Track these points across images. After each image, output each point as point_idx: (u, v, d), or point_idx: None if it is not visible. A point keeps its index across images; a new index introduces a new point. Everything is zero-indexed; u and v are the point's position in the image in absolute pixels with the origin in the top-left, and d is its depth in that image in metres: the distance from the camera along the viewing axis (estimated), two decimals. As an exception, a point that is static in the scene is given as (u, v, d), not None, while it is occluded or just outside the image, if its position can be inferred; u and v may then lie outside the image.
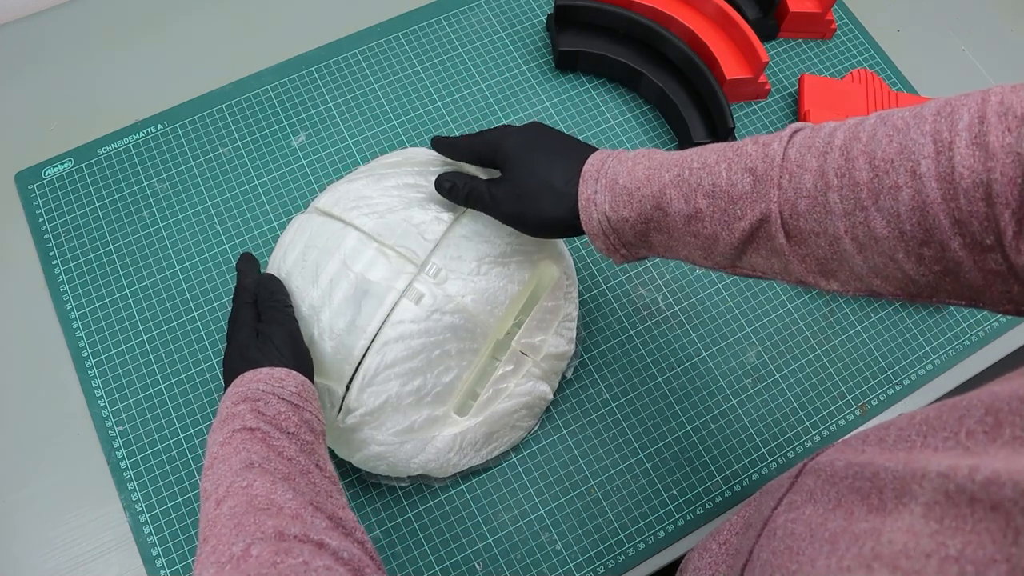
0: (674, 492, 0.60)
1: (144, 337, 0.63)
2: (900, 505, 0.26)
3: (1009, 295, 0.35)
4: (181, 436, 0.60)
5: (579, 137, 0.73)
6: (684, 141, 0.72)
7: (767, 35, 0.78)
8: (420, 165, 0.60)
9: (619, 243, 0.47)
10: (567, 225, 0.48)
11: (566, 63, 0.75)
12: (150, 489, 0.58)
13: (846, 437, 0.37)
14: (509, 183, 0.49)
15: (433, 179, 0.59)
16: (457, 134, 0.72)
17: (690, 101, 0.72)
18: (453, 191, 0.53)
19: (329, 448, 0.59)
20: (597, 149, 0.48)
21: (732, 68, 0.72)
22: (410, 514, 0.59)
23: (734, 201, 0.41)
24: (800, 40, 0.79)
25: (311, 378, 0.49)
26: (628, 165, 0.45)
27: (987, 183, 0.32)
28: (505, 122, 0.73)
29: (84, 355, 0.62)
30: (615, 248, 0.47)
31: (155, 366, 0.62)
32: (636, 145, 0.73)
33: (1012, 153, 0.31)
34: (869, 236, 0.37)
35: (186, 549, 0.57)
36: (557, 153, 0.49)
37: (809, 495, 0.33)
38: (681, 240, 0.44)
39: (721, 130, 0.69)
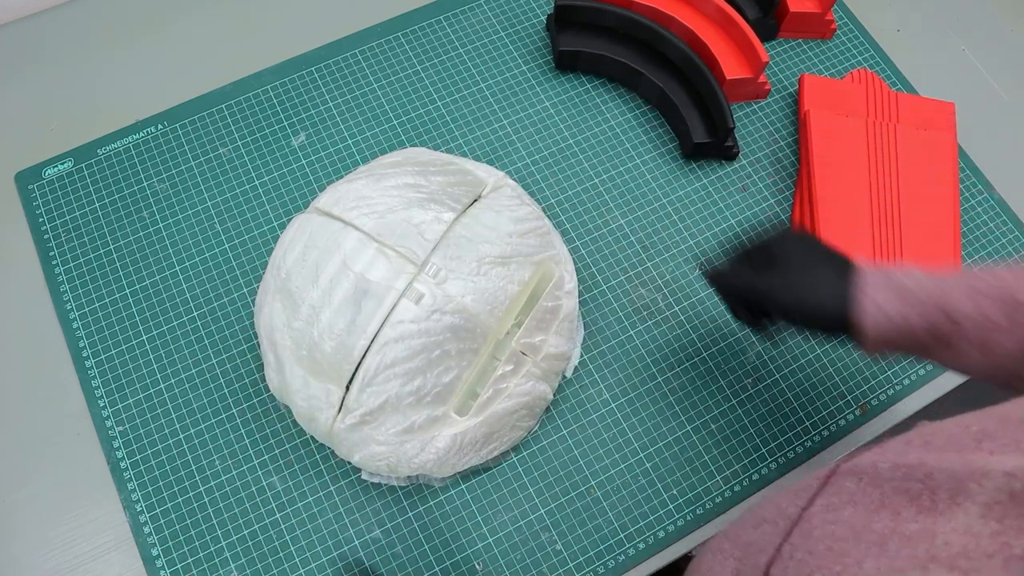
0: (674, 492, 0.60)
1: (144, 337, 0.63)
2: (954, 505, 0.25)
3: None
4: (181, 436, 0.60)
5: (579, 137, 0.73)
6: (684, 141, 0.72)
7: (767, 35, 0.78)
8: (420, 165, 0.60)
9: (892, 346, 0.46)
10: (837, 320, 0.47)
11: (566, 63, 0.75)
12: (150, 489, 0.58)
13: (887, 442, 0.36)
14: (783, 277, 0.49)
15: (433, 179, 0.59)
16: (457, 134, 0.72)
17: (690, 101, 0.72)
18: (718, 278, 0.52)
19: (329, 448, 0.59)
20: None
21: (732, 68, 0.72)
22: (410, 514, 0.59)
23: None
24: (800, 40, 0.79)
25: None
26: (903, 271, 0.45)
27: None
28: (504, 121, 0.73)
29: (84, 355, 0.62)
30: (879, 346, 0.46)
31: (155, 366, 0.62)
32: (636, 144, 0.73)
33: None
34: None
35: (186, 549, 0.57)
36: (825, 255, 0.49)
37: (849, 497, 0.33)
38: (961, 351, 0.43)
39: (721, 130, 0.69)
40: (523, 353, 0.57)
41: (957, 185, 0.70)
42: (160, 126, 0.71)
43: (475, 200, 0.59)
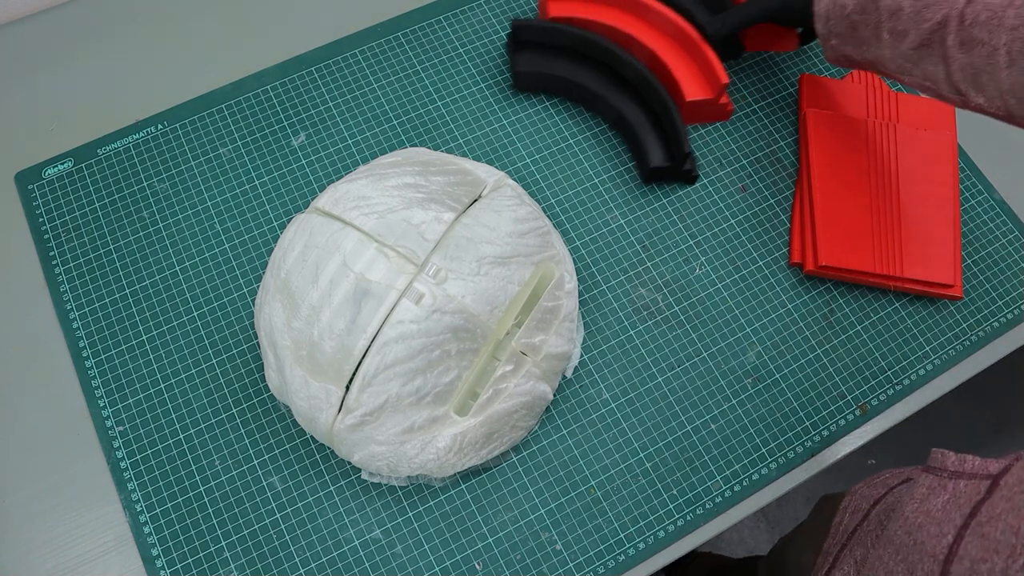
0: (674, 492, 0.60)
1: (144, 337, 0.63)
2: None
3: None
4: (181, 436, 0.60)
5: (579, 137, 0.73)
6: (641, 165, 0.70)
7: (734, 53, 0.76)
8: (420, 165, 0.61)
9: (832, 31, 0.60)
10: (802, 8, 0.62)
11: (525, 84, 0.73)
12: (150, 489, 0.58)
13: None
14: None
15: (433, 179, 0.59)
16: (457, 134, 0.72)
17: (648, 124, 0.70)
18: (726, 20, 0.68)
19: (329, 448, 0.59)
20: None
21: (692, 90, 0.70)
22: (410, 514, 0.59)
23: (928, 4, 0.52)
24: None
25: None
26: None
27: None
28: (504, 121, 0.73)
29: (84, 355, 0.62)
30: (828, 35, 0.60)
31: (155, 366, 0.62)
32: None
33: None
34: (1020, 52, 0.47)
35: (186, 549, 0.57)
36: None
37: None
38: (879, 37, 0.56)
39: (677, 155, 0.68)
40: (523, 353, 0.57)
41: (957, 185, 0.70)
42: (160, 126, 0.71)
43: (475, 200, 0.59)
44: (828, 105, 0.73)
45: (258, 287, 0.63)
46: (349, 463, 0.59)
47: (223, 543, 0.57)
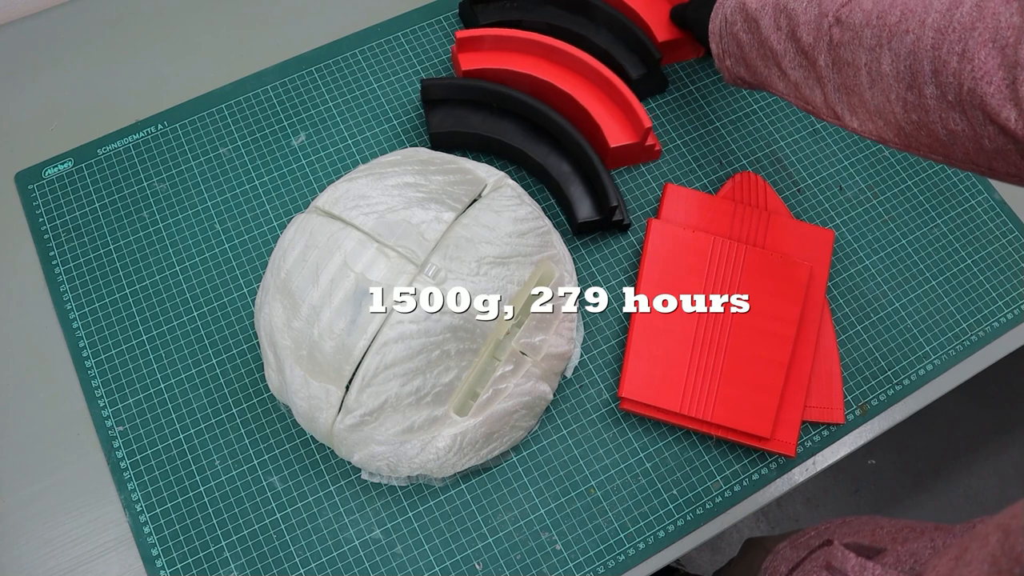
0: (674, 492, 0.60)
1: (144, 337, 0.63)
2: None
3: (970, 158, 0.44)
4: (181, 436, 0.60)
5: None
6: (570, 219, 0.67)
7: (659, 87, 0.74)
8: (420, 164, 0.61)
9: (725, 50, 0.59)
10: (704, 22, 0.62)
11: (442, 143, 0.70)
12: (150, 489, 0.58)
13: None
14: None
15: (433, 178, 0.59)
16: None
17: (574, 176, 0.67)
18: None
19: (329, 448, 0.59)
20: None
21: (616, 135, 0.68)
22: (410, 514, 0.59)
23: (799, 24, 0.51)
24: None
25: None
26: None
27: (966, 39, 0.40)
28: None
29: (84, 355, 0.62)
30: (722, 55, 0.60)
31: (155, 366, 0.62)
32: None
33: (997, 17, 0.39)
34: (877, 72, 0.46)
35: (186, 549, 0.57)
36: None
37: None
38: (764, 57, 0.55)
39: (605, 208, 0.66)
40: (523, 353, 0.57)
41: (815, 325, 0.63)
42: (160, 126, 0.71)
43: (475, 200, 0.59)
44: (687, 220, 0.66)
45: (258, 287, 0.63)
46: (349, 463, 0.59)
47: (223, 543, 0.57)
